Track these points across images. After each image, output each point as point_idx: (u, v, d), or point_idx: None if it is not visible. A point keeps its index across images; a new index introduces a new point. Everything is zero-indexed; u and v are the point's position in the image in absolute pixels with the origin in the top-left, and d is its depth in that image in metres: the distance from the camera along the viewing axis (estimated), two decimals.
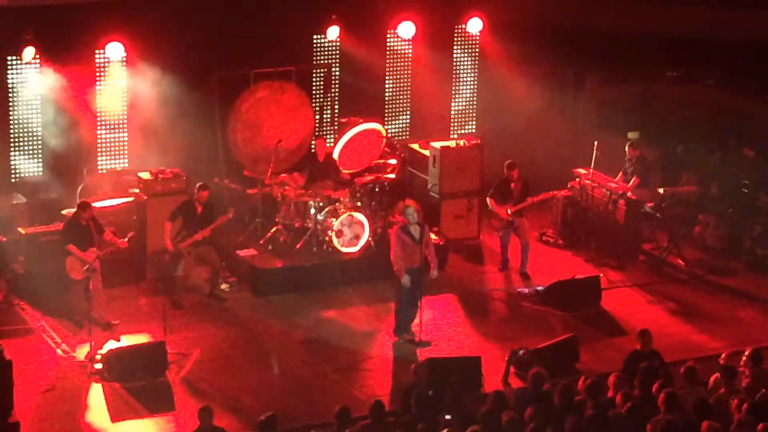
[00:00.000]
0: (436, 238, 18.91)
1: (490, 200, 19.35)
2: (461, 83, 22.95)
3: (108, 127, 20.21)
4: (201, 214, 17.91)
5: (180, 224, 17.94)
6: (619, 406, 13.36)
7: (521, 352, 16.03)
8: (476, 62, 22.92)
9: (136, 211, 18.78)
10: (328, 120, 21.57)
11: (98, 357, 16.11)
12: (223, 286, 18.53)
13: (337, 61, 21.59)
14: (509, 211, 19.20)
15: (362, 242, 18.95)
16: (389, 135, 21.21)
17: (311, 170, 19.73)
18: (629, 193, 20.11)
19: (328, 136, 21.29)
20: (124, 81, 20.05)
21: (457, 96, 22.97)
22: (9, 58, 19.33)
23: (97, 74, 19.94)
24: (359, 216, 18.89)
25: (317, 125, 21.27)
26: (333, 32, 21.00)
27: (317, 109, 21.37)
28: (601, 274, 19.18)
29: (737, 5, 23.06)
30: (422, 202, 19.95)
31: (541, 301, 18.47)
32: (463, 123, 23.07)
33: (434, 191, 20.53)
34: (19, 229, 18.32)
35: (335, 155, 20.26)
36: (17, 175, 19.77)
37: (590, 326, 17.78)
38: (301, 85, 20.80)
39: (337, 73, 21.62)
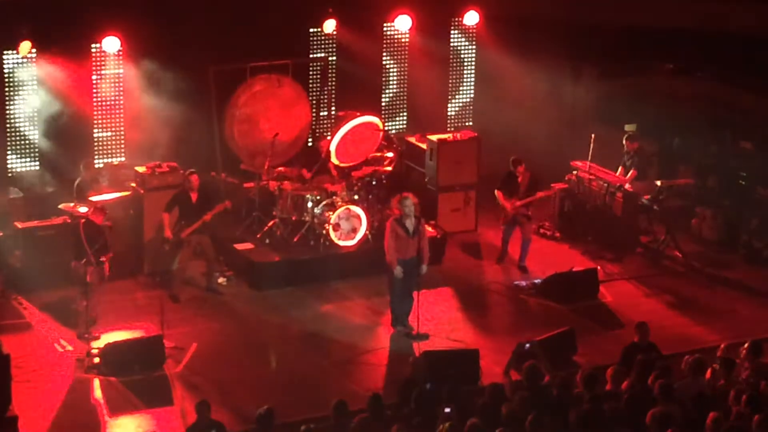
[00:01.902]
0: (432, 230, 18.91)
1: (498, 193, 19.27)
2: (458, 76, 22.92)
3: (104, 121, 20.20)
4: (197, 202, 17.89)
5: (176, 215, 17.93)
6: (617, 399, 13.36)
7: (527, 345, 15.97)
8: (473, 55, 22.90)
9: (132, 205, 18.77)
10: (325, 113, 21.55)
11: (95, 351, 16.11)
12: (221, 280, 18.53)
13: (334, 54, 21.57)
14: (516, 205, 19.09)
15: (359, 236, 18.94)
16: (386, 128, 21.19)
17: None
18: (626, 186, 20.10)
19: (326, 130, 21.29)
20: (120, 75, 20.04)
21: (453, 89, 22.95)
22: (5, 51, 19.31)
23: (94, 68, 19.92)
24: (356, 209, 18.88)
25: (314, 118, 21.25)
26: (329, 25, 20.97)
27: (314, 102, 21.35)
28: (599, 267, 19.19)
29: None
30: (419, 196, 20.01)
31: (538, 294, 18.49)
32: (460, 116, 23.06)
33: (431, 184, 20.53)
34: (16, 224, 18.31)
35: (332, 148, 20.23)
36: (14, 170, 19.75)
37: (587, 319, 17.79)
38: (297, 79, 20.77)
39: (334, 66, 21.59)
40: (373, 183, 19.64)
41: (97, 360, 15.99)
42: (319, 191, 19.13)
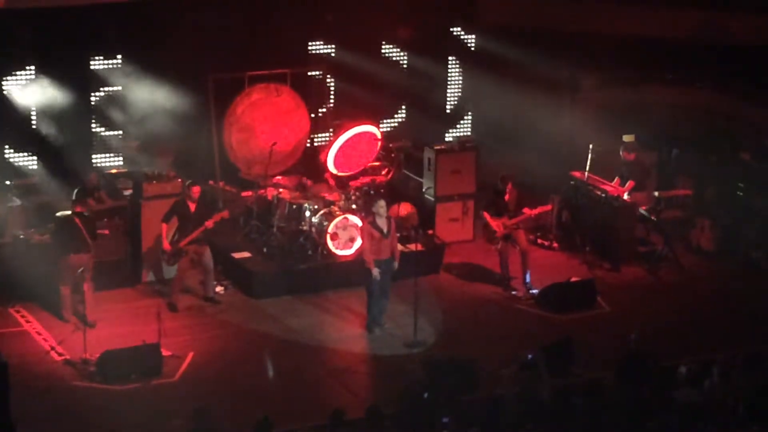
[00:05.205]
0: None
1: (485, 214, 19.16)
2: (456, 86, 22.92)
3: (103, 129, 20.21)
4: (195, 212, 17.87)
5: (175, 225, 17.92)
6: (614, 408, 13.36)
7: (528, 355, 15.93)
8: (471, 65, 22.89)
9: (130, 214, 18.76)
10: (324, 123, 21.55)
11: (92, 359, 16.11)
12: (218, 289, 18.51)
13: (333, 63, 21.57)
14: (506, 225, 18.94)
15: (357, 245, 18.93)
16: (384, 137, 21.19)
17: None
18: (624, 196, 20.11)
19: (323, 139, 21.30)
20: (119, 83, 20.05)
21: (452, 99, 22.94)
22: (4, 62, 19.33)
23: (93, 78, 19.93)
24: (354, 219, 18.88)
25: (312, 128, 21.25)
26: (328, 35, 20.99)
27: (312, 111, 21.35)
28: (596, 277, 19.17)
29: (732, 9, 23.10)
30: (417, 205, 20.05)
31: (536, 304, 18.47)
32: (458, 126, 23.05)
33: (429, 194, 20.52)
34: (14, 232, 18.30)
35: (330, 158, 20.25)
36: (12, 178, 19.75)
37: (585, 329, 17.77)
38: (296, 88, 20.78)
39: (333, 75, 21.59)
40: (371, 192, 19.64)
41: (93, 368, 15.98)
42: (317, 200, 19.13)
